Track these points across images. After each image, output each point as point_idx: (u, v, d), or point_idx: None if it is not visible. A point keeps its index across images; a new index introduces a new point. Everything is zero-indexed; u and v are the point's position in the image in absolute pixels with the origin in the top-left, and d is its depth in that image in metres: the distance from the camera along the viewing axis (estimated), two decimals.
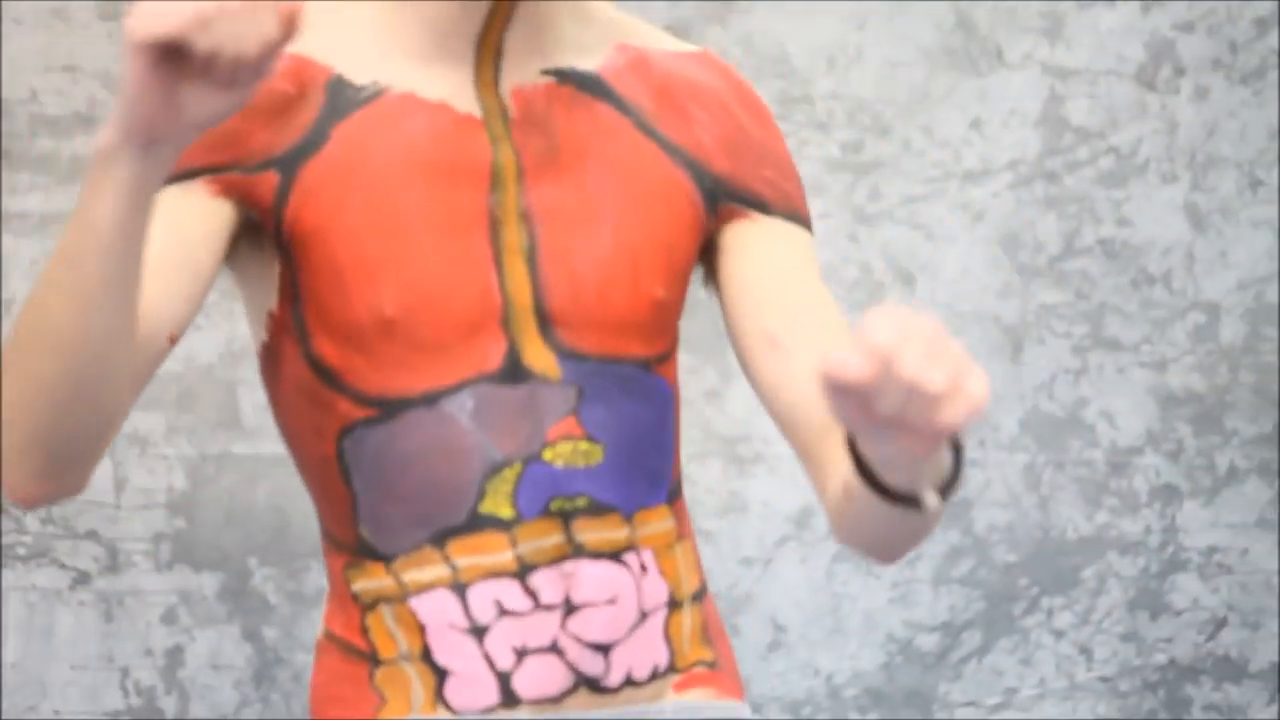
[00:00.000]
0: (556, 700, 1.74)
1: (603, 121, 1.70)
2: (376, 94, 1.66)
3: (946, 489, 1.54)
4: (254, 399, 2.83)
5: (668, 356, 1.77)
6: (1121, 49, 2.84)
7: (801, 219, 1.76)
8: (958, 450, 1.56)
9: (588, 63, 1.70)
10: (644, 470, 1.76)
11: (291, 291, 1.69)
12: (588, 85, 1.70)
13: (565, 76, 1.69)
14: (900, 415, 1.38)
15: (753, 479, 2.88)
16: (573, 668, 1.75)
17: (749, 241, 1.74)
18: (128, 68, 1.44)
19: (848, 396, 1.36)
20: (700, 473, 2.87)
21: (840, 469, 1.69)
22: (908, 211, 2.80)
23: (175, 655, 2.87)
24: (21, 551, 2.85)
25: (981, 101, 2.79)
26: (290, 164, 1.65)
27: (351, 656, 1.76)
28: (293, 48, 1.69)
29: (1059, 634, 2.91)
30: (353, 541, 1.74)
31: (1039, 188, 2.83)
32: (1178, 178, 2.83)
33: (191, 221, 1.63)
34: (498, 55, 1.69)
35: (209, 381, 2.81)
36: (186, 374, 2.81)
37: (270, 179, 1.65)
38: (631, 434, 1.74)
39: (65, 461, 1.54)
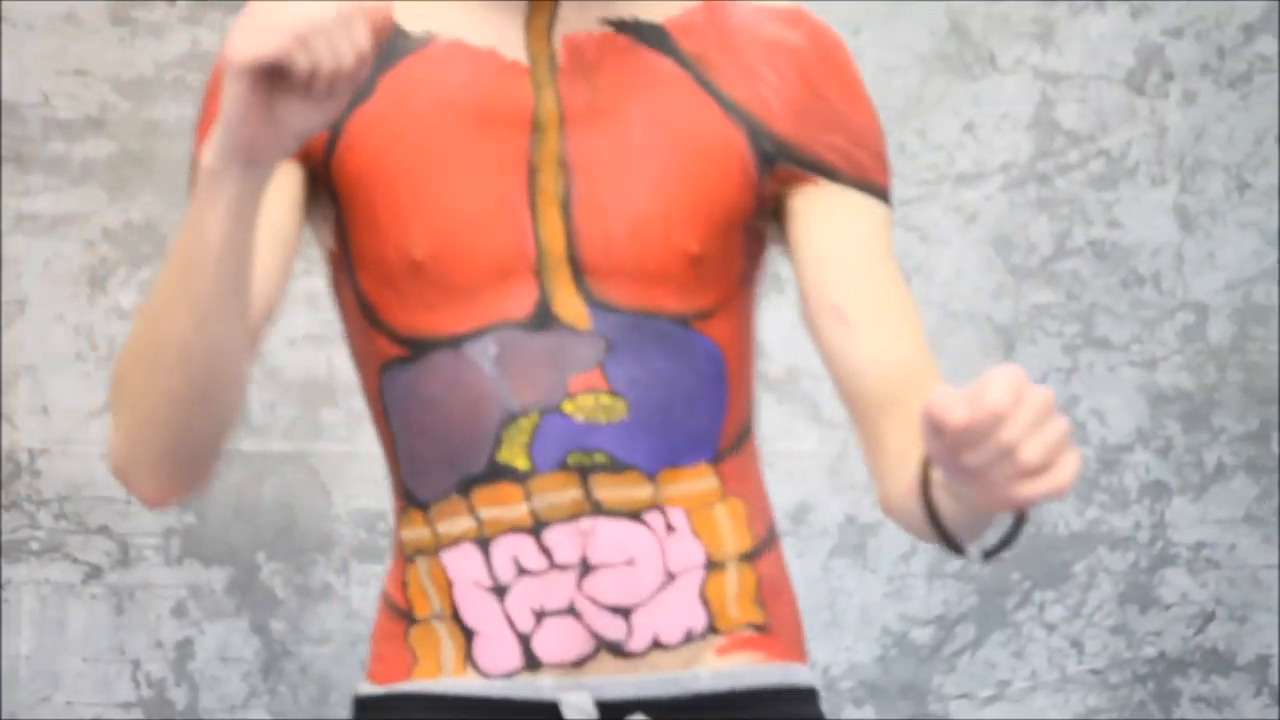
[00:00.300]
0: (578, 664, 1.74)
1: (657, 73, 1.70)
2: (425, 41, 1.68)
3: (995, 549, 1.53)
4: (262, 398, 2.91)
5: (713, 314, 1.75)
6: (1112, 54, 2.90)
7: (876, 189, 1.73)
8: (1020, 519, 1.55)
9: (655, 14, 1.70)
10: (678, 430, 1.74)
11: (341, 232, 1.72)
12: (647, 36, 1.70)
13: (625, 26, 1.70)
14: (984, 472, 1.38)
15: None
16: (592, 631, 1.74)
17: (817, 209, 1.72)
18: (228, 90, 1.48)
19: (941, 438, 1.36)
20: None
21: (897, 454, 1.69)
22: (902, 213, 2.86)
23: (185, 648, 2.93)
24: (35, 546, 2.93)
25: (975, 105, 2.85)
26: (336, 117, 1.71)
27: (393, 614, 1.77)
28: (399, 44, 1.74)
29: (1050, 627, 2.96)
30: (401, 486, 1.77)
31: (1031, 190, 2.89)
32: (1167, 180, 2.89)
33: (271, 195, 1.69)
34: (555, 2, 1.71)
35: None
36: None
37: (321, 134, 1.69)
38: (663, 392, 1.73)
39: (194, 465, 1.58)
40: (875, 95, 2.84)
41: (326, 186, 1.72)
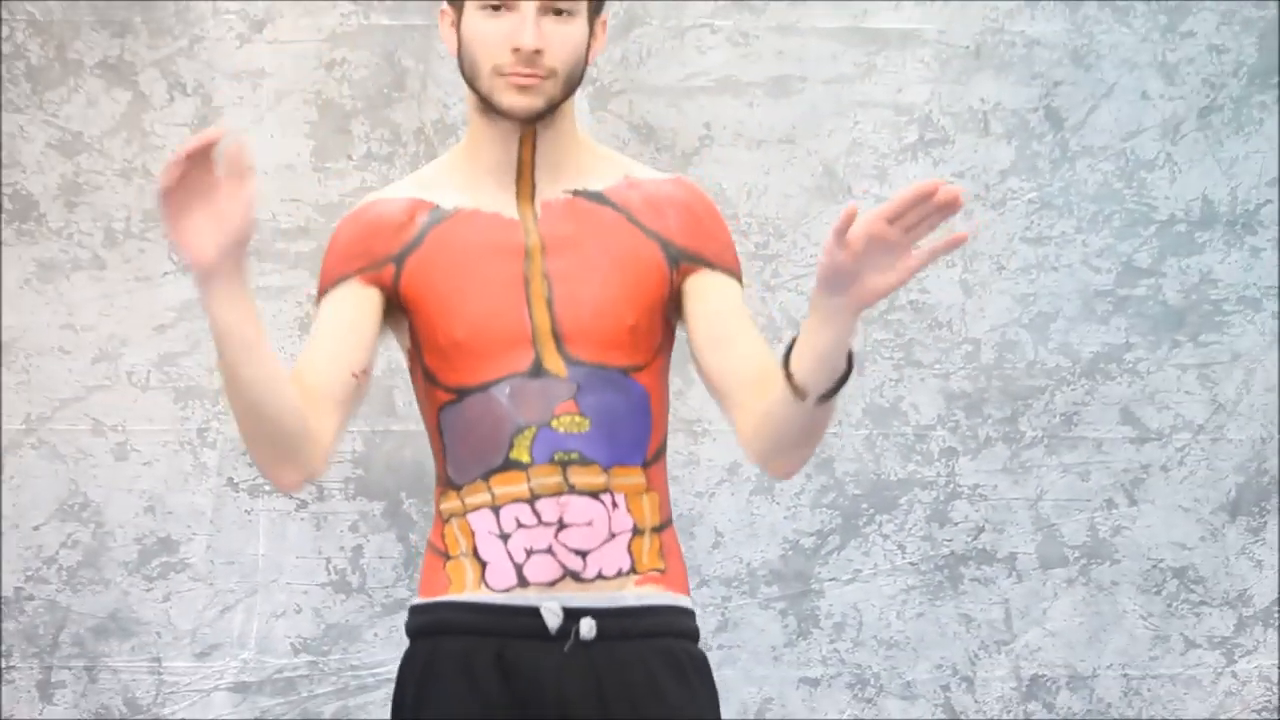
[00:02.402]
0: (551, 584, 2.21)
1: (601, 217, 2.21)
2: (453, 212, 2.23)
3: (828, 394, 2.06)
4: (403, 397, 3.77)
5: (644, 368, 2.22)
6: None
7: (734, 273, 2.27)
8: (844, 381, 2.04)
9: (598, 185, 2.25)
10: (620, 440, 2.21)
11: (412, 332, 2.26)
12: (594, 198, 2.24)
13: (580, 193, 2.24)
14: (863, 267, 1.90)
15: (702, 445, 3.78)
16: (561, 564, 2.21)
17: (701, 286, 2.24)
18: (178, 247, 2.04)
19: (841, 239, 1.90)
20: (670, 441, 3.82)
21: (753, 409, 2.14)
22: (795, 284, 3.79)
23: (357, 550, 3.80)
24: (267, 488, 3.82)
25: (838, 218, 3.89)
26: (400, 258, 2.21)
27: (435, 554, 2.26)
28: (414, 192, 2.24)
29: (885, 537, 3.84)
30: (444, 477, 2.24)
31: None
32: (955, 264, 3.84)
33: (350, 303, 2.20)
34: (532, 184, 2.22)
35: (376, 387, 3.73)
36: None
37: (390, 269, 2.21)
38: (610, 415, 2.20)
39: (286, 463, 2.13)
40: (778, 211, 3.78)
41: (398, 305, 2.23)
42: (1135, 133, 3.90)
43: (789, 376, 2.07)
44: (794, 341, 2.10)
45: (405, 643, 3.66)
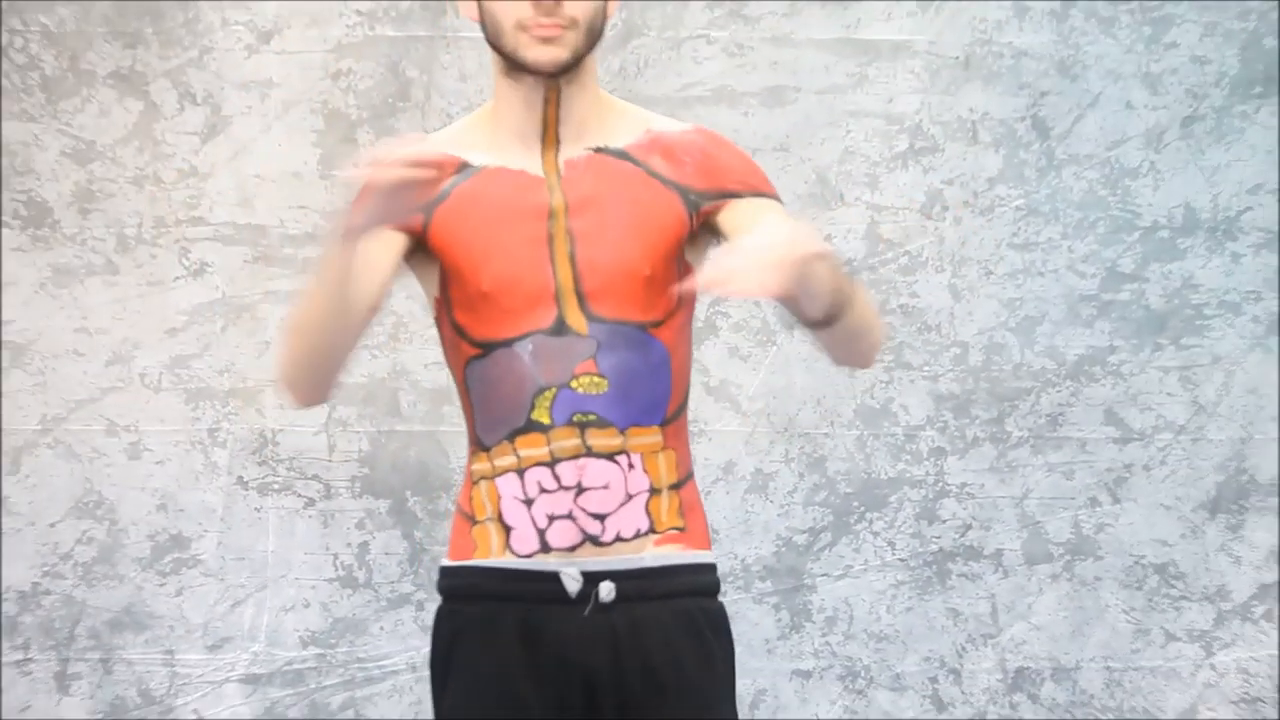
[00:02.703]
0: (571, 550, 2.22)
1: (623, 173, 2.25)
2: (481, 168, 2.27)
3: (840, 311, 2.08)
4: (407, 399, 3.80)
5: (663, 323, 2.22)
6: (911, 194, 3.88)
7: (762, 194, 2.25)
8: (839, 306, 2.06)
9: (620, 142, 2.28)
10: (638, 400, 2.21)
11: (442, 283, 2.26)
12: (616, 154, 2.27)
13: (603, 150, 2.28)
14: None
15: (698, 445, 3.78)
16: (581, 529, 2.21)
17: (732, 214, 2.26)
18: (350, 213, 2.08)
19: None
20: None
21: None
22: None
23: (364, 547, 3.84)
24: (276, 486, 3.85)
25: (831, 225, 3.84)
26: (429, 208, 2.24)
27: (463, 518, 2.27)
28: (445, 148, 2.21)
29: (876, 534, 3.87)
30: (475, 438, 2.26)
31: (865, 276, 3.84)
32: (944, 270, 3.85)
33: (374, 247, 2.22)
34: (557, 142, 2.26)
35: (382, 388, 3.83)
36: (369, 384, 3.82)
37: (419, 217, 2.24)
38: (628, 375, 2.19)
39: (319, 385, 2.20)
40: None
41: (425, 253, 2.26)
42: (1120, 141, 3.94)
43: (791, 305, 2.12)
44: None
45: (409, 636, 3.85)
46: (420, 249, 2.29)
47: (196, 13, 3.85)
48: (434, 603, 3.42)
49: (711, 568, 2.30)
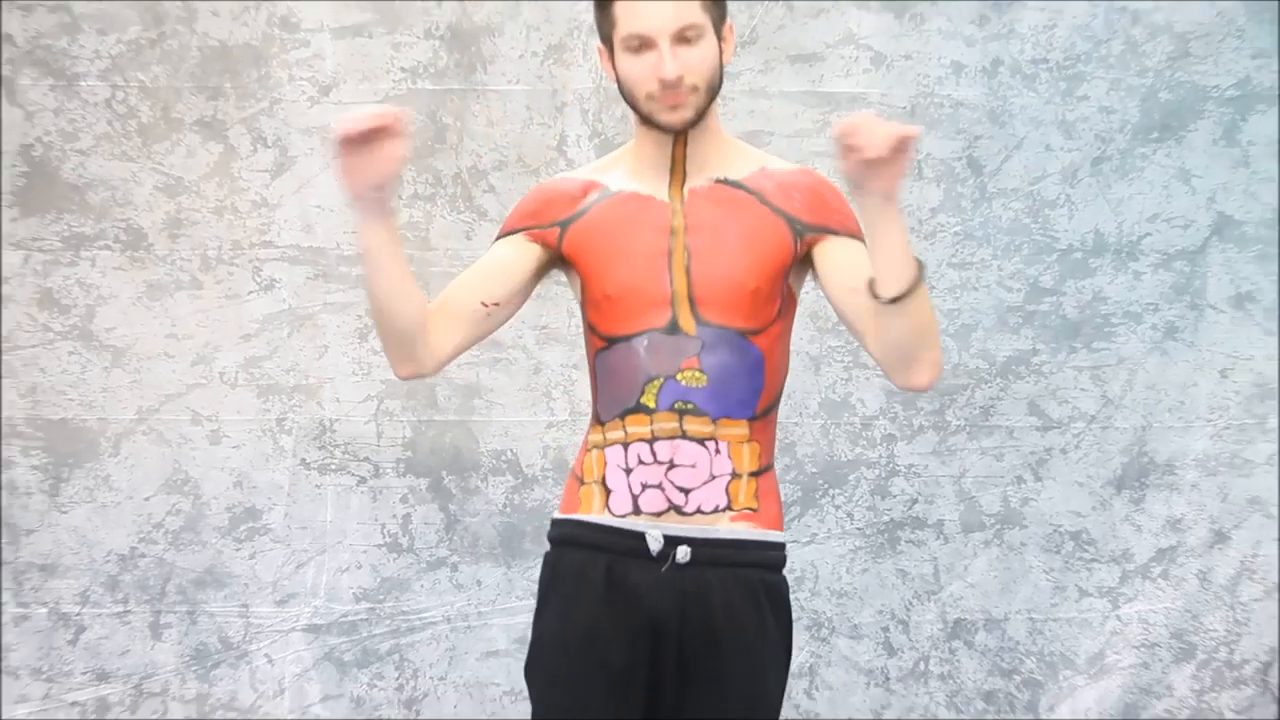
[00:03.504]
0: (658, 515, 2.38)
1: (738, 199, 2.42)
2: (617, 192, 2.46)
3: (899, 297, 2.22)
4: (444, 393, 4.07)
5: (761, 331, 2.34)
6: None
7: (856, 236, 2.40)
8: (915, 285, 2.18)
9: (737, 174, 2.45)
10: (732, 396, 2.34)
11: (578, 286, 2.47)
12: (734, 184, 2.45)
13: (722, 181, 2.45)
14: (865, 159, 2.05)
15: None
16: (668, 499, 2.38)
17: (829, 249, 2.41)
18: (341, 181, 2.19)
19: (846, 149, 2.09)
20: None
21: (873, 334, 2.25)
22: None
23: (407, 518, 4.14)
24: (333, 467, 4.14)
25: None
26: (565, 224, 2.42)
27: (575, 479, 2.47)
28: (591, 175, 2.40)
29: (837, 507, 4.15)
30: (596, 414, 2.43)
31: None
32: None
33: (509, 251, 2.39)
34: (684, 175, 2.43)
35: (422, 385, 4.12)
36: (412, 381, 3.63)
37: (555, 231, 2.43)
38: (725, 373, 2.34)
39: (403, 359, 2.37)
40: None
41: (562, 263, 2.43)
42: (1040, 178, 4.22)
43: (870, 284, 2.25)
44: None
45: (445, 593, 4.18)
46: (561, 260, 2.48)
47: (267, 70, 4.19)
48: (466, 565, 4.08)
49: (779, 545, 2.44)
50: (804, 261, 2.46)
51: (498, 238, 2.52)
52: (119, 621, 4.15)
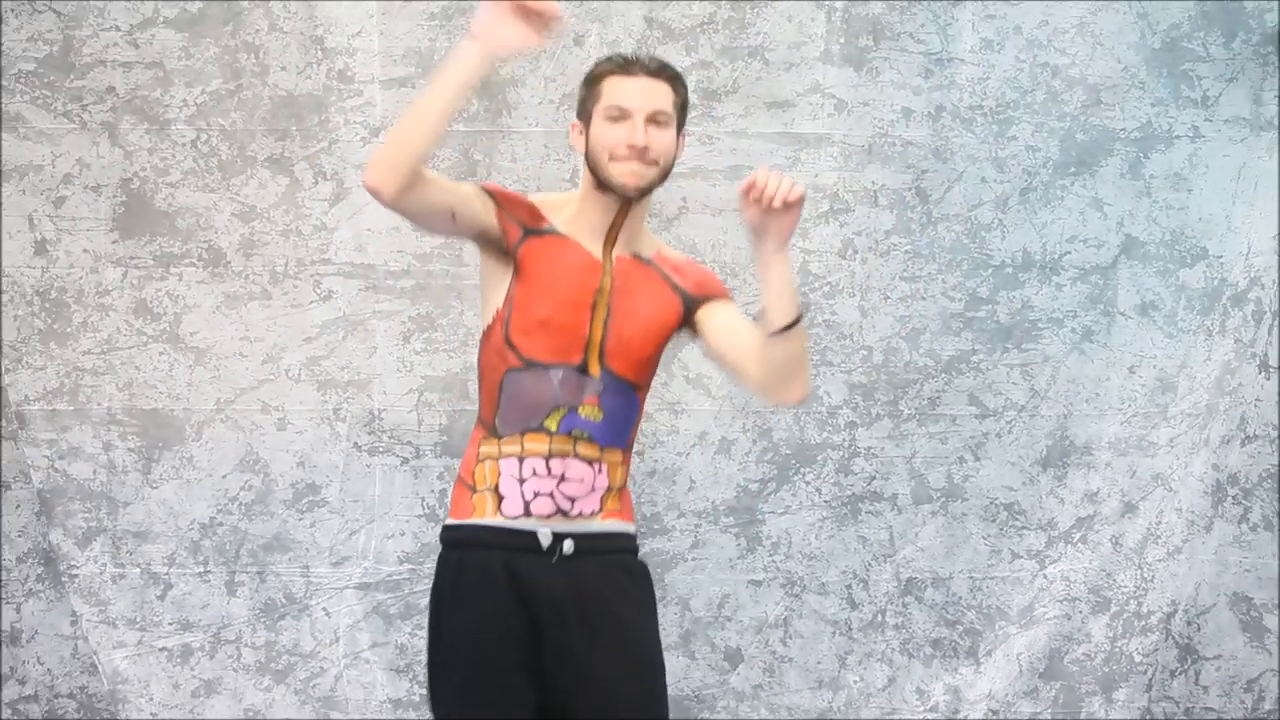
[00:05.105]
0: (547, 517, 2.74)
1: (647, 275, 2.79)
2: (566, 234, 2.77)
3: (788, 326, 2.60)
4: (474, 387, 4.42)
5: (639, 387, 2.75)
6: (831, 242, 4.72)
7: (728, 298, 2.86)
8: (795, 322, 2.51)
9: (647, 254, 2.84)
10: (616, 431, 2.76)
11: (509, 298, 2.69)
12: (645, 261, 2.82)
13: (636, 256, 2.81)
14: (758, 214, 2.33)
15: (680, 419, 4.58)
16: (556, 504, 2.76)
17: (711, 310, 2.83)
18: (486, 24, 2.43)
19: (748, 200, 2.38)
20: (657, 416, 4.58)
21: (755, 362, 2.56)
22: (747, 310, 3.96)
23: (443, 492, 4.60)
24: (381, 449, 4.59)
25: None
26: (529, 233, 2.70)
27: (465, 487, 2.74)
28: (541, 206, 2.63)
29: (807, 483, 4.64)
30: (491, 426, 2.72)
31: (799, 300, 4.89)
32: (855, 295, 4.71)
33: (480, 205, 2.62)
34: (614, 242, 2.77)
35: (456, 380, 4.60)
36: (447, 376, 4.58)
37: (518, 230, 2.68)
38: (615, 413, 2.76)
39: (392, 169, 2.53)
40: (733, 257, 4.45)
41: (504, 263, 2.63)
42: (977, 205, 4.68)
43: (760, 317, 2.61)
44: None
45: None
46: (504, 255, 2.69)
47: (327, 115, 4.70)
48: None
49: (633, 536, 2.84)
50: (681, 328, 2.87)
51: (487, 189, 2.75)
52: (200, 580, 4.57)
